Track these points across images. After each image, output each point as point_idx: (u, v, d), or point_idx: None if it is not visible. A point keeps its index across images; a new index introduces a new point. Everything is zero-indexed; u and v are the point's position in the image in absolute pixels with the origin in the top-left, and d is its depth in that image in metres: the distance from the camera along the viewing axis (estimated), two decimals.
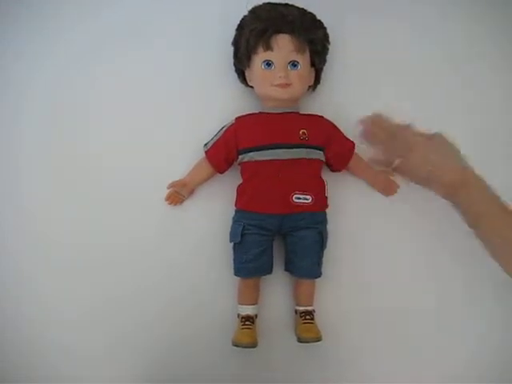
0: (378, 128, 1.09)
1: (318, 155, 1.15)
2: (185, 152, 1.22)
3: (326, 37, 1.18)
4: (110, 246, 1.24)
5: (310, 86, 1.21)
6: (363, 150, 1.21)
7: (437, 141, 1.06)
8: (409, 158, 1.06)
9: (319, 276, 1.17)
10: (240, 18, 1.17)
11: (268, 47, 1.12)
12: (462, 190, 1.02)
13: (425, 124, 1.22)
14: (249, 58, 1.15)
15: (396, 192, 1.23)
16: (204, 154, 1.19)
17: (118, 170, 1.25)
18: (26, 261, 1.24)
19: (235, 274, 1.17)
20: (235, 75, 1.22)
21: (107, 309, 1.23)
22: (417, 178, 1.08)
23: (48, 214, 1.25)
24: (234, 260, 1.17)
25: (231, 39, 1.18)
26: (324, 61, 1.20)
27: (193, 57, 1.27)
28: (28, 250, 1.24)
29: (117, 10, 1.28)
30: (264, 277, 1.18)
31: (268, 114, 1.16)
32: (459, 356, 1.24)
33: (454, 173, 1.03)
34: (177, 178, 1.21)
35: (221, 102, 1.24)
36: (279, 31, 1.12)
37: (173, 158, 1.23)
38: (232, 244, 1.17)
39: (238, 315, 1.17)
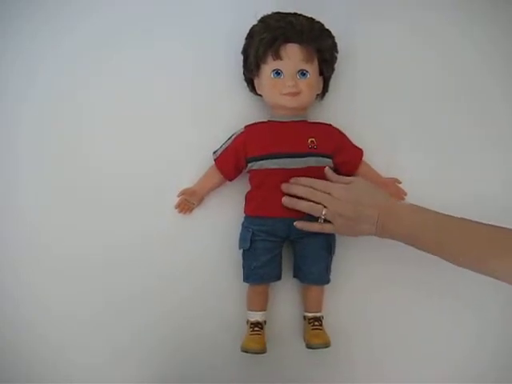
0: (296, 188, 1.11)
1: (327, 163, 1.16)
2: (194, 160, 1.23)
3: (334, 46, 1.19)
4: (119, 252, 1.25)
5: (318, 95, 1.21)
6: (371, 158, 1.23)
7: (355, 182, 1.10)
8: (331, 203, 1.07)
9: (328, 282, 1.18)
10: (249, 27, 1.18)
11: (277, 56, 1.13)
12: (390, 219, 1.05)
13: (429, 131, 1.24)
14: (258, 67, 1.16)
15: (404, 199, 1.24)
16: (213, 162, 1.20)
17: (127, 178, 1.25)
18: (28, 263, 1.25)
19: (244, 281, 1.18)
20: (244, 84, 1.23)
21: (113, 314, 1.24)
22: (347, 221, 1.08)
23: (50, 216, 1.26)
24: (243, 266, 1.18)
25: (241, 48, 1.20)
26: (332, 69, 1.21)
27: (202, 65, 1.27)
28: (28, 250, 1.25)
29: (124, 15, 1.29)
30: (273, 283, 1.19)
31: (277, 122, 1.17)
32: (464, 358, 1.26)
33: (378, 205, 1.06)
34: (186, 186, 1.22)
35: (230, 111, 1.25)
36: (288, 40, 1.13)
37: (182, 165, 1.24)
38: (241, 250, 1.18)
39: (247, 321, 1.17)
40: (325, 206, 1.08)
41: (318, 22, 1.17)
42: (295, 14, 1.16)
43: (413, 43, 1.30)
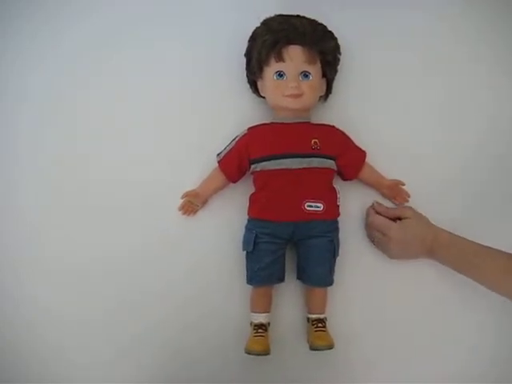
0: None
1: (330, 164, 1.16)
2: (198, 162, 1.23)
3: (337, 47, 1.19)
4: (122, 252, 1.24)
5: (321, 96, 1.21)
6: (374, 160, 1.23)
7: (408, 221, 1.18)
8: (386, 244, 1.20)
9: (331, 284, 1.18)
10: (251, 27, 1.18)
11: (280, 58, 1.12)
12: (436, 253, 1.18)
13: (435, 133, 1.25)
14: (261, 69, 1.16)
15: (407, 201, 1.24)
16: (217, 164, 1.20)
17: (131, 180, 1.25)
18: (28, 263, 1.24)
19: (248, 283, 1.18)
20: (248, 86, 1.23)
21: (114, 314, 1.24)
22: (398, 257, 1.23)
23: (50, 216, 1.25)
24: (247, 268, 1.18)
25: (242, 49, 1.19)
26: (335, 71, 1.21)
27: (206, 68, 1.27)
28: (28, 250, 1.25)
29: (124, 15, 1.29)
30: (276, 285, 1.19)
31: (280, 123, 1.17)
32: (464, 359, 1.26)
33: (426, 243, 1.17)
34: (190, 188, 1.22)
35: (233, 113, 1.25)
36: (291, 42, 1.13)
37: (186, 167, 1.24)
38: (245, 252, 1.17)
39: (251, 323, 1.17)
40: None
41: (321, 24, 1.17)
42: (298, 16, 1.16)
43: (418, 46, 1.30)
